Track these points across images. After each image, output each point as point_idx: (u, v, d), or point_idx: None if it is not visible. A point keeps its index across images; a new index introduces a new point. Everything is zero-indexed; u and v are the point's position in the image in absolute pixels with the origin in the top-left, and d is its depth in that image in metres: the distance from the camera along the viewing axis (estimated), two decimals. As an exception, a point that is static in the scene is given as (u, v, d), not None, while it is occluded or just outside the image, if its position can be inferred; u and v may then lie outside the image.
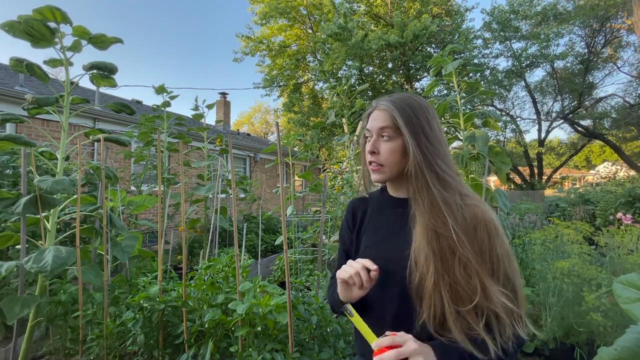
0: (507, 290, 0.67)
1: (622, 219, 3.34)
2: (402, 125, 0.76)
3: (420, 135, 0.75)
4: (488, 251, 0.68)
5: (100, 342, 1.90)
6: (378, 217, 0.87)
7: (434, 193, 0.72)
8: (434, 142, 0.76)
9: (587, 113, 16.57)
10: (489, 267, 0.68)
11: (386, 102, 0.80)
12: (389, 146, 0.79)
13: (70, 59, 2.07)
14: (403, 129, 0.76)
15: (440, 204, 0.71)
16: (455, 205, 0.71)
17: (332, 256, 3.70)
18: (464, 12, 14.14)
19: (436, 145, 0.76)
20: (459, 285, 0.66)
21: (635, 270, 2.32)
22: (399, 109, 0.77)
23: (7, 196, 1.97)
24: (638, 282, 0.95)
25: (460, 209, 0.71)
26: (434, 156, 0.74)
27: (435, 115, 0.80)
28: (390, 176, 0.81)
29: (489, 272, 0.67)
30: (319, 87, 16.61)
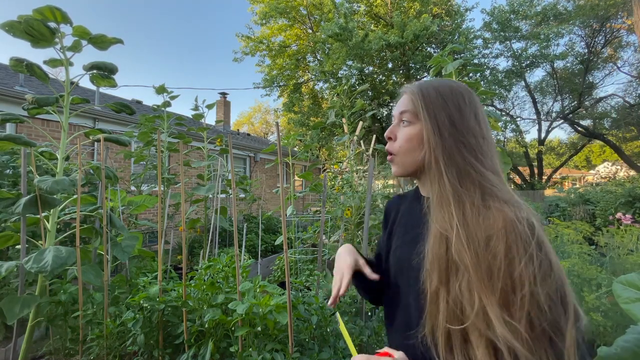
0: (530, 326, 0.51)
1: (622, 219, 3.35)
2: (421, 108, 0.68)
3: (444, 120, 0.65)
4: (502, 269, 0.53)
5: (100, 342, 1.90)
6: (408, 217, 0.80)
7: (446, 186, 0.62)
8: (462, 129, 0.65)
9: (587, 113, 16.58)
10: (502, 289, 0.53)
11: (413, 85, 0.72)
12: (405, 131, 0.71)
13: (70, 59, 2.07)
14: (421, 112, 0.67)
15: (451, 200, 0.61)
16: (471, 205, 0.59)
17: (332, 256, 3.70)
18: (464, 12, 14.15)
19: (465, 133, 0.64)
20: (456, 300, 0.56)
21: (635, 270, 2.32)
22: (422, 91, 0.69)
23: (7, 196, 1.97)
24: (638, 282, 0.95)
25: (477, 210, 0.59)
26: (458, 145, 0.63)
27: (472, 103, 0.68)
28: (405, 166, 0.72)
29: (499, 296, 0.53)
30: (319, 87, 16.63)
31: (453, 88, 0.69)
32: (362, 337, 1.92)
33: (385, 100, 15.04)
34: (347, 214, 3.17)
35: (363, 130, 3.67)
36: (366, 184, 2.98)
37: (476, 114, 0.67)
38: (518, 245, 0.54)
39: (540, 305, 0.51)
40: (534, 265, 0.52)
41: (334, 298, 0.80)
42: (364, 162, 3.90)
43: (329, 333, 1.83)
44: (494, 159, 0.65)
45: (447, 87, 0.69)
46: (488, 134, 0.67)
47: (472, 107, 0.68)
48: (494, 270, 0.54)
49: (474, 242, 0.56)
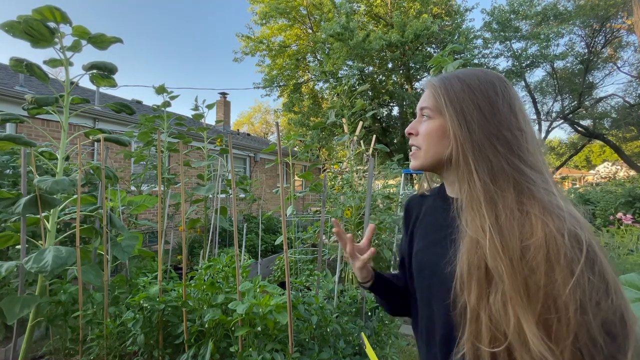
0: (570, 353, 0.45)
1: (623, 219, 3.35)
2: (443, 102, 0.62)
3: (472, 112, 0.59)
4: (541, 289, 0.47)
5: (100, 342, 1.90)
6: (431, 218, 0.74)
7: (476, 184, 0.56)
8: (494, 122, 0.58)
9: (587, 113, 16.58)
10: (542, 311, 0.46)
11: (435, 78, 0.67)
12: (426, 125, 0.67)
13: (70, 59, 2.07)
14: (445, 106, 0.62)
15: (482, 200, 0.54)
16: (504, 206, 0.52)
17: (332, 256, 3.70)
18: (464, 12, 14.16)
19: (498, 126, 0.58)
20: (496, 316, 0.50)
21: (635, 270, 2.32)
22: (446, 83, 0.64)
23: (7, 196, 1.97)
24: (638, 282, 0.96)
25: (510, 213, 0.52)
26: (490, 139, 0.57)
27: (506, 92, 0.61)
28: (426, 162, 0.68)
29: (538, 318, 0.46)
30: (319, 87, 16.63)
31: (481, 77, 0.63)
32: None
33: (385, 100, 15.04)
34: (347, 214, 3.17)
35: (363, 130, 3.67)
36: (366, 184, 2.98)
37: (511, 104, 0.60)
38: (561, 264, 0.46)
39: (592, 337, 0.44)
40: (582, 289, 0.45)
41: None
42: (364, 162, 3.90)
43: (329, 333, 1.83)
44: (535, 154, 0.57)
45: (474, 77, 0.63)
46: (527, 126, 0.60)
47: (506, 96, 0.61)
48: (531, 286, 0.47)
49: (509, 250, 0.49)
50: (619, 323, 0.45)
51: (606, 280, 0.46)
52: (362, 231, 2.80)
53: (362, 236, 2.90)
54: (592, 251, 0.47)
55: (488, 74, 0.64)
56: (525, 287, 0.48)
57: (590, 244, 0.47)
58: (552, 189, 0.54)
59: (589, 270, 0.46)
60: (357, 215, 3.22)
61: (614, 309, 0.45)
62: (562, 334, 0.45)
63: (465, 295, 0.53)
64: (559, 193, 0.54)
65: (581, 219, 0.51)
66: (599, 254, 0.47)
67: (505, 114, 0.59)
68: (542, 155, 0.59)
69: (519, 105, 0.62)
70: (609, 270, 0.47)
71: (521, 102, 0.63)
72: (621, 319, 0.45)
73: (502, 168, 0.55)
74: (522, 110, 0.61)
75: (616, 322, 0.45)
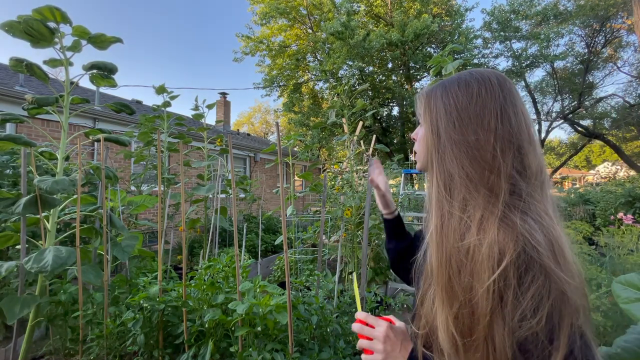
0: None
1: (624, 218, 3.34)
2: (422, 111, 0.65)
3: (442, 119, 0.60)
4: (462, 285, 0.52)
5: (100, 342, 1.90)
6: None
7: (433, 189, 0.59)
8: (461, 127, 0.57)
9: (587, 113, 16.58)
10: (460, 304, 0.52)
11: (428, 87, 0.70)
12: (419, 132, 0.71)
13: (70, 59, 2.07)
14: (423, 114, 0.65)
15: (433, 203, 0.59)
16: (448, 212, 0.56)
17: (332, 256, 3.70)
18: (464, 12, 14.16)
19: (465, 132, 0.56)
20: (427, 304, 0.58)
21: (635, 270, 2.32)
22: (429, 93, 0.66)
23: (7, 196, 1.97)
24: (637, 282, 0.95)
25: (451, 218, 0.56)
26: (452, 146, 0.57)
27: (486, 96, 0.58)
28: (421, 165, 0.71)
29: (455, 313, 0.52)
30: (319, 87, 16.64)
31: (464, 83, 0.60)
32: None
33: (385, 100, 15.04)
34: (347, 214, 3.17)
35: (363, 130, 3.67)
36: (366, 184, 2.98)
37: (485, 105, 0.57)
38: (484, 269, 0.49)
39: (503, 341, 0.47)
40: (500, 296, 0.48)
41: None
42: (364, 162, 3.90)
43: (329, 333, 1.83)
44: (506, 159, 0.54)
45: (455, 84, 0.61)
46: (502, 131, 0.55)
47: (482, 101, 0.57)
48: (454, 284, 0.52)
49: (442, 250, 0.55)
50: (545, 344, 0.46)
51: (539, 300, 0.46)
52: (362, 231, 2.79)
53: (361, 236, 2.90)
54: (525, 267, 0.47)
55: (479, 75, 0.60)
56: (449, 283, 0.53)
57: (526, 259, 0.47)
58: (508, 199, 0.53)
59: (516, 283, 0.47)
60: (357, 215, 3.22)
61: (543, 330, 0.46)
62: (474, 331, 0.49)
63: (421, 285, 0.61)
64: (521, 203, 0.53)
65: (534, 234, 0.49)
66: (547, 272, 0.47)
67: (475, 121, 0.57)
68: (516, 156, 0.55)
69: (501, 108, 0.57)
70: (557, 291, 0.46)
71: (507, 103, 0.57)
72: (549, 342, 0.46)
73: (454, 175, 0.56)
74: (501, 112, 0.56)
75: (540, 343, 0.46)
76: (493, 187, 0.53)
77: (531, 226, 0.50)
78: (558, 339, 0.46)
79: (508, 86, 0.59)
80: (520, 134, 0.56)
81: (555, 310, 0.46)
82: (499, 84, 0.59)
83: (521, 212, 0.52)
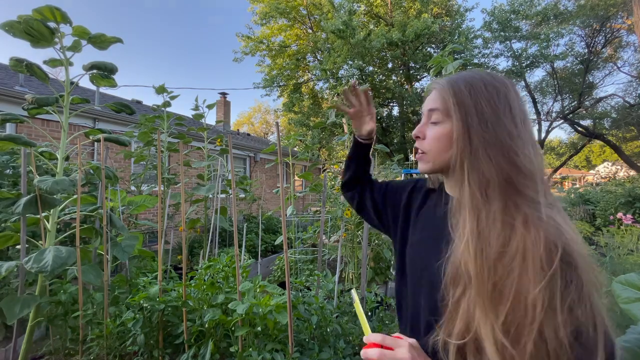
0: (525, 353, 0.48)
1: (623, 219, 3.34)
2: (452, 106, 0.63)
3: (474, 118, 0.60)
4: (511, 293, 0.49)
5: (100, 342, 1.90)
6: (429, 213, 0.76)
7: (465, 191, 0.58)
8: (494, 129, 0.58)
9: (587, 113, 16.58)
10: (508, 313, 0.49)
11: (443, 80, 0.68)
12: (435, 131, 0.67)
13: (70, 59, 2.07)
14: (453, 110, 0.63)
15: (467, 207, 0.57)
16: (487, 215, 0.55)
17: (332, 256, 3.70)
18: (464, 12, 14.16)
19: (498, 133, 0.58)
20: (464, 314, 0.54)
21: (635, 270, 2.32)
22: (454, 87, 0.64)
23: (7, 196, 1.97)
24: (637, 282, 0.96)
25: (492, 222, 0.54)
26: (487, 148, 0.58)
27: (509, 98, 0.61)
28: (434, 167, 0.70)
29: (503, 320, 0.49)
30: (319, 87, 16.64)
31: (487, 82, 0.63)
32: (362, 336, 1.92)
33: (385, 100, 15.05)
34: (347, 214, 3.17)
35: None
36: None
37: (512, 110, 0.60)
38: (534, 269, 0.48)
39: (559, 339, 0.46)
40: (552, 290, 0.47)
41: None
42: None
43: (329, 333, 1.83)
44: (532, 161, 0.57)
45: (479, 81, 0.63)
46: (526, 132, 0.59)
47: (509, 102, 0.61)
48: (501, 289, 0.50)
49: (482, 256, 0.53)
50: (590, 331, 0.47)
51: (581, 290, 0.48)
52: (362, 231, 2.79)
53: (361, 236, 2.89)
54: (567, 261, 0.49)
55: (494, 78, 0.64)
56: (493, 289, 0.51)
57: (567, 253, 0.49)
58: (539, 199, 0.55)
59: (562, 277, 0.48)
60: (357, 215, 3.22)
61: (586, 318, 0.47)
62: (524, 333, 0.48)
63: (450, 292, 0.57)
64: (546, 202, 0.55)
65: (565, 228, 0.52)
66: (579, 264, 0.49)
67: (505, 121, 0.59)
68: (538, 158, 0.58)
69: (520, 109, 0.61)
70: (589, 281, 0.49)
71: (523, 105, 0.62)
72: (593, 328, 0.47)
73: (493, 178, 0.56)
74: (522, 114, 0.61)
75: (588, 330, 0.47)
76: (529, 188, 0.55)
77: (566, 223, 0.53)
78: (600, 323, 0.48)
79: (518, 90, 0.63)
80: (534, 137, 0.61)
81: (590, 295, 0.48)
82: (514, 90, 0.63)
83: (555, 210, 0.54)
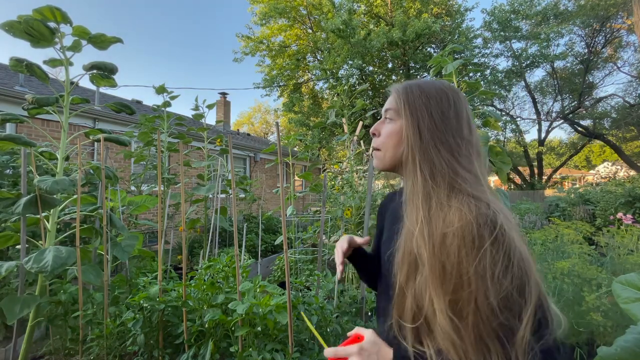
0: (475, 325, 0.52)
1: (623, 219, 3.34)
2: (403, 106, 0.70)
3: (424, 118, 0.66)
4: (454, 268, 0.54)
5: (100, 342, 1.90)
6: (393, 212, 0.82)
7: (418, 181, 0.63)
8: (442, 128, 0.66)
9: (587, 113, 16.59)
10: (454, 288, 0.54)
11: (400, 84, 0.75)
12: (388, 128, 0.74)
13: (70, 59, 2.07)
14: (403, 109, 0.69)
15: (420, 195, 0.62)
16: (437, 201, 0.60)
17: (332, 256, 3.70)
18: (464, 12, 14.15)
19: (445, 132, 0.65)
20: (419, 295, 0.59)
21: (635, 270, 2.32)
22: (407, 90, 0.71)
23: (7, 196, 1.97)
24: (638, 282, 0.95)
25: (440, 207, 0.60)
26: (436, 143, 0.64)
27: (457, 104, 0.69)
28: (384, 161, 0.75)
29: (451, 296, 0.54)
30: (319, 87, 16.64)
31: (438, 88, 0.70)
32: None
33: (385, 99, 15.03)
34: (347, 214, 3.17)
35: (363, 130, 3.67)
36: (366, 184, 2.98)
37: (458, 114, 0.68)
38: (469, 244, 0.54)
39: (490, 305, 0.52)
40: (484, 263, 0.52)
41: (340, 266, 0.89)
42: (364, 162, 3.90)
43: (329, 333, 1.83)
44: (472, 160, 0.65)
45: (431, 87, 0.70)
46: (470, 135, 0.67)
47: (456, 107, 0.68)
48: (448, 268, 0.55)
49: (432, 238, 0.57)
50: (517, 296, 0.52)
51: (509, 257, 0.53)
52: (362, 231, 2.80)
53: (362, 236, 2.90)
54: (501, 232, 0.54)
55: (445, 85, 0.72)
56: (442, 269, 0.55)
57: (503, 226, 0.54)
58: (483, 188, 0.62)
59: (494, 248, 0.53)
60: (357, 215, 3.22)
61: (515, 283, 0.52)
62: (465, 305, 0.53)
63: (398, 276, 0.63)
64: (487, 190, 0.62)
65: (500, 209, 0.58)
66: (511, 235, 0.54)
67: (452, 122, 0.67)
68: (479, 159, 0.66)
69: (467, 115, 0.69)
70: (518, 251, 0.54)
71: (469, 112, 0.70)
72: (520, 293, 0.52)
73: (441, 168, 0.63)
74: (468, 120, 0.69)
75: (514, 295, 0.52)
76: (467, 180, 0.62)
77: (499, 205, 0.59)
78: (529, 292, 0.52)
79: (465, 99, 0.72)
80: (477, 141, 0.68)
81: (519, 262, 0.53)
82: (462, 97, 0.71)
83: (490, 195, 0.61)
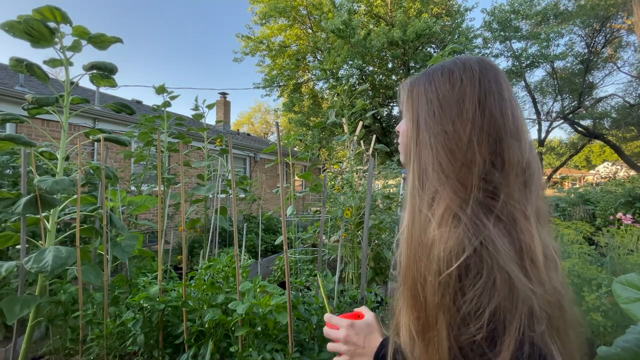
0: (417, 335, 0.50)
1: (623, 219, 3.34)
2: (404, 103, 0.62)
3: (422, 108, 0.57)
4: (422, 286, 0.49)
5: (100, 342, 1.90)
6: None
7: (409, 184, 0.57)
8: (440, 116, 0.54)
9: (587, 113, 16.60)
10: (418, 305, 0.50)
11: (411, 77, 0.66)
12: (400, 126, 0.68)
13: (70, 59, 2.07)
14: (404, 103, 0.62)
15: (408, 199, 0.56)
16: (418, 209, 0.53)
17: (332, 256, 3.70)
18: (464, 12, 14.16)
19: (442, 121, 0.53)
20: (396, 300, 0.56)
21: (635, 270, 2.32)
22: (412, 83, 0.62)
23: (7, 196, 1.97)
24: (638, 282, 0.95)
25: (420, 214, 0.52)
26: (430, 137, 0.54)
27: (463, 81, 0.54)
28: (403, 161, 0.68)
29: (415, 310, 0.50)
30: (319, 87, 16.65)
31: (446, 67, 0.57)
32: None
33: (385, 100, 15.05)
34: (347, 214, 3.17)
35: (363, 130, 3.66)
36: (366, 184, 2.98)
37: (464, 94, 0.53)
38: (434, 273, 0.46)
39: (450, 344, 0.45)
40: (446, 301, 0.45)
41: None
42: (364, 162, 3.90)
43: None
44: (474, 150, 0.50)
45: (438, 69, 0.58)
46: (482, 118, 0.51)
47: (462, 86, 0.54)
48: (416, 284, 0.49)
49: (409, 248, 0.52)
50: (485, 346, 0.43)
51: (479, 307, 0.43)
52: (362, 231, 2.80)
53: (361, 236, 2.89)
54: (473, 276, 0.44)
55: (458, 61, 0.57)
56: (412, 282, 0.50)
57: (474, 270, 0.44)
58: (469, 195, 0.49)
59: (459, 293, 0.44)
60: (357, 215, 3.22)
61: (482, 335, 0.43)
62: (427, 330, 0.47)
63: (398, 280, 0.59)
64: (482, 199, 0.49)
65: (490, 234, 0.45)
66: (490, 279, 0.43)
67: (452, 108, 0.53)
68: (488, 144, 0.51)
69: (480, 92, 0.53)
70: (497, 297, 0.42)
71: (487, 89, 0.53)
72: (490, 344, 0.43)
73: (429, 169, 0.53)
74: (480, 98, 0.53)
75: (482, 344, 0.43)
76: (464, 181, 0.50)
77: (498, 228, 0.46)
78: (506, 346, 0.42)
79: (493, 74, 0.55)
80: (503, 125, 0.51)
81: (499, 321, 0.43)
82: (480, 71, 0.54)
83: (490, 212, 0.47)
